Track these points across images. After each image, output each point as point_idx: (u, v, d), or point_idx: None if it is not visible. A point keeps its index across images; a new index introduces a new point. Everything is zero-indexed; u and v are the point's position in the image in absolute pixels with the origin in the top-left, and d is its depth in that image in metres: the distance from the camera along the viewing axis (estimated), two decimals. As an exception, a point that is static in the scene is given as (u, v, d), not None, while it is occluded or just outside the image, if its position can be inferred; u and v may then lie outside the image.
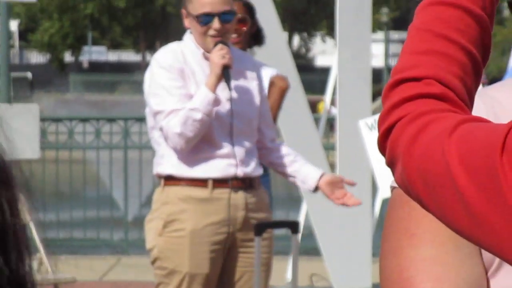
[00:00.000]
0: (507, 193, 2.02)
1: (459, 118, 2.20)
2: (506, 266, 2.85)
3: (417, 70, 2.35)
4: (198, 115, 8.85)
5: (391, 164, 2.32)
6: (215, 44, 9.03)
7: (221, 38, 9.05)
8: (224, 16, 9.09)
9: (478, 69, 2.42)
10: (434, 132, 2.20)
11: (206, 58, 9.23)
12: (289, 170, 9.60)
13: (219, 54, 8.95)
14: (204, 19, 9.06)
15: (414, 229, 2.95)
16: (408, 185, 2.28)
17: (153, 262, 9.35)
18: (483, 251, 2.85)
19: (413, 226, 2.95)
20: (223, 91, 9.07)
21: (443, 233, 2.81)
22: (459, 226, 2.20)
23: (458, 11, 2.41)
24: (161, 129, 9.12)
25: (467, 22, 2.41)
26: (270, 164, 9.77)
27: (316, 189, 9.64)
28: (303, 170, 9.63)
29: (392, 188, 3.01)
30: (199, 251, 9.09)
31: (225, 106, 9.08)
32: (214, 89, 8.87)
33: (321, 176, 9.64)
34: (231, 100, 9.12)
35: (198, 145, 9.09)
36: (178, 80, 9.05)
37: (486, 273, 2.92)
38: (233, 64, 9.04)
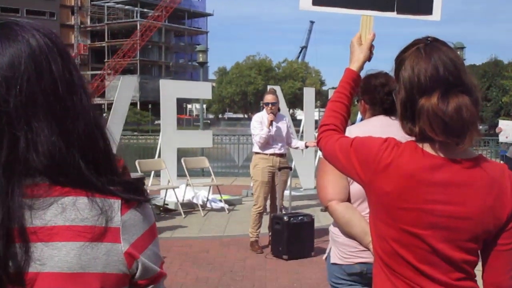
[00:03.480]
0: (352, 159, 2.01)
1: (340, 135, 2.19)
2: (354, 183, 2.68)
3: (327, 121, 2.28)
4: (260, 137, 8.27)
5: (321, 150, 2.27)
6: (270, 113, 8.43)
7: (272, 110, 8.44)
8: (273, 103, 8.47)
9: (347, 120, 2.34)
10: (332, 140, 2.16)
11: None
12: (295, 145, 8.90)
13: (271, 116, 8.32)
14: (267, 104, 8.46)
15: (326, 170, 2.91)
16: (326, 157, 2.23)
17: (251, 178, 8.69)
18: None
19: (326, 169, 2.90)
20: (273, 127, 8.41)
21: (335, 171, 2.57)
22: (339, 168, 2.15)
23: (340, 103, 2.31)
24: (253, 138, 8.54)
25: (342, 106, 2.31)
26: (290, 145, 8.93)
27: (307, 146, 9.23)
28: (300, 143, 9.06)
29: (319, 159, 3.25)
30: (264, 174, 8.32)
31: (274, 131, 8.41)
32: (269, 127, 8.39)
33: (305, 143, 9.09)
34: (276, 129, 8.47)
35: (265, 144, 8.37)
36: (258, 125, 8.43)
37: (348, 184, 2.93)
38: (275, 119, 8.47)
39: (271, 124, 8.37)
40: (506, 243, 1.93)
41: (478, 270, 1.97)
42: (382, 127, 2.86)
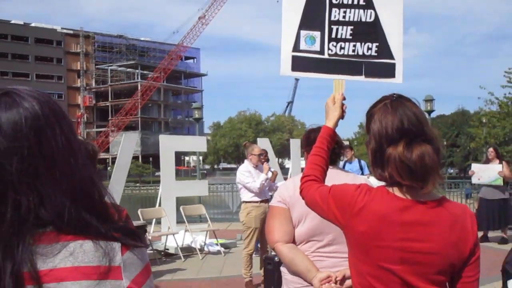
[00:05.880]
0: (331, 205, 2.04)
1: (320, 185, 2.22)
2: (300, 225, 2.98)
3: (308, 172, 2.31)
4: (260, 184, 8.26)
5: (303, 198, 2.29)
6: (262, 163, 8.67)
7: (265, 159, 8.74)
8: (261, 155, 8.63)
9: (325, 171, 2.35)
10: (312, 189, 2.20)
11: (254, 167, 8.53)
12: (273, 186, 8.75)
13: (267, 168, 8.67)
14: (260, 155, 8.59)
15: (274, 215, 3.03)
16: (308, 204, 2.25)
17: (243, 224, 8.42)
18: (293, 220, 2.97)
19: (273, 215, 3.04)
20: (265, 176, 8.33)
21: (281, 217, 2.93)
22: (320, 213, 2.17)
23: (318, 156, 2.36)
24: (247, 187, 8.39)
25: (321, 159, 2.35)
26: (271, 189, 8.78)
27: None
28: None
29: (270, 206, 3.22)
30: (257, 221, 8.18)
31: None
32: (265, 177, 8.35)
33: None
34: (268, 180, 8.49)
35: (254, 192, 8.34)
36: (249, 174, 8.36)
37: (294, 228, 2.99)
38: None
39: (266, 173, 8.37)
40: (471, 275, 1.96)
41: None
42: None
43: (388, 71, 2.70)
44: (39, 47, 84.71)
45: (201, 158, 70.12)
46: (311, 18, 2.66)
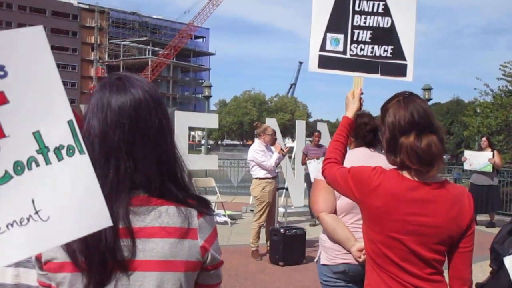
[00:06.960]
0: (349, 182, 2.20)
1: (340, 166, 2.37)
2: (341, 198, 3.03)
3: (329, 155, 2.47)
4: (275, 163, 8.38)
5: (325, 178, 2.46)
6: (274, 143, 8.78)
7: (274, 140, 8.71)
8: (275, 135, 8.71)
9: (344, 155, 2.54)
10: (333, 170, 2.35)
11: (265, 146, 8.55)
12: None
13: (279, 146, 8.70)
14: (273, 136, 8.59)
15: (318, 188, 3.13)
16: (329, 183, 2.40)
17: (257, 198, 8.47)
18: (335, 194, 3.05)
19: (318, 187, 3.12)
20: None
21: (325, 190, 2.97)
22: (339, 190, 2.34)
23: (339, 142, 2.54)
24: (262, 165, 8.39)
25: (341, 144, 2.53)
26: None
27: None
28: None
29: (314, 179, 3.28)
30: (271, 195, 8.35)
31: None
32: (278, 156, 8.42)
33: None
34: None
35: (269, 169, 8.40)
36: (263, 154, 8.39)
37: (335, 200, 3.10)
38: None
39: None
40: (466, 246, 2.17)
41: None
42: (364, 157, 3.11)
43: (401, 71, 2.94)
44: (56, 20, 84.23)
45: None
46: (337, 23, 2.93)
